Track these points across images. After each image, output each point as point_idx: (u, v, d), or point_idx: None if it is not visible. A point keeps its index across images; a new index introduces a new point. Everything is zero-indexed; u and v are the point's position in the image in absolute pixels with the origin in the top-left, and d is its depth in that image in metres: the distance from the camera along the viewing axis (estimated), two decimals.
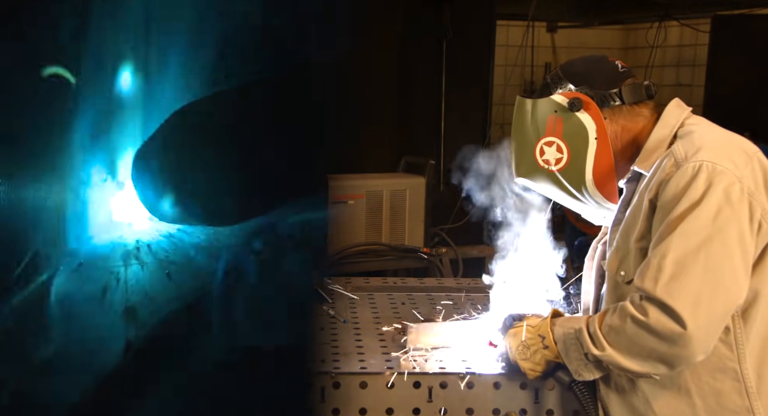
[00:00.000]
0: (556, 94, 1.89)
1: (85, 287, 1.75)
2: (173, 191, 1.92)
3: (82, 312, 1.75)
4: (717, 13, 5.42)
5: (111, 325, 1.77)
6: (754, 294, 1.70)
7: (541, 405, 2.03)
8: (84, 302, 1.76)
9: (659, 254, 1.65)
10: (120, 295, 1.78)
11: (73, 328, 1.73)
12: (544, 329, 1.90)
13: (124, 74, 1.83)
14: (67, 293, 1.73)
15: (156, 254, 1.88)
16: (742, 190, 1.65)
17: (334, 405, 1.99)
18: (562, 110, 1.87)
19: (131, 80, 1.84)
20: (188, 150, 1.93)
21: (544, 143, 1.91)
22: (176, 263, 1.86)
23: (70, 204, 1.77)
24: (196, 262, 1.89)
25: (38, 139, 1.68)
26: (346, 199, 4.02)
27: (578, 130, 1.86)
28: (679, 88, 6.19)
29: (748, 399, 1.72)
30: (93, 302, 1.77)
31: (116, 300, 1.78)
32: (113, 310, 1.78)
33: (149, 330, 1.79)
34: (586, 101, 1.85)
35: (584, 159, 1.87)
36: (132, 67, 1.82)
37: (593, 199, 1.92)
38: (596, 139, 1.86)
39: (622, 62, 1.92)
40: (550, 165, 1.91)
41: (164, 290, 1.83)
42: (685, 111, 1.87)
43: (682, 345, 1.61)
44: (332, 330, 2.39)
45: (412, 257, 4.09)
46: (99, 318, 1.77)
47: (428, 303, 2.72)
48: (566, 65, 1.95)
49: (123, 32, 1.79)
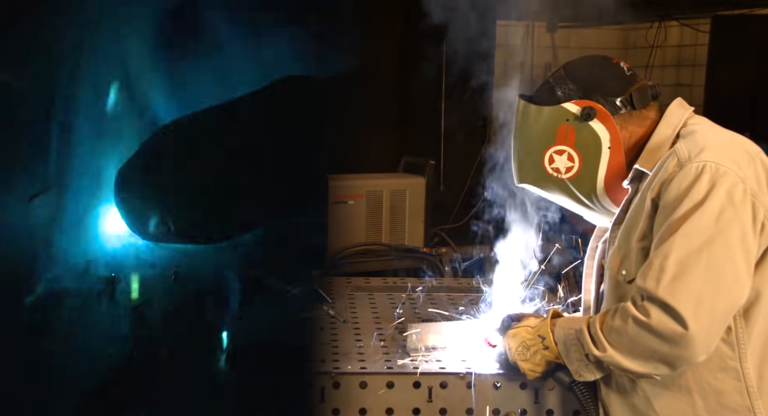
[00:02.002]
0: (568, 103, 1.85)
1: (81, 292, 1.76)
2: (156, 211, 1.90)
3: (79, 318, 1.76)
4: (717, 13, 5.41)
5: (111, 329, 1.77)
6: (756, 294, 1.70)
7: (541, 405, 2.03)
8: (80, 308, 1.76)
9: (661, 255, 1.64)
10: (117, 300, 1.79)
11: (73, 331, 1.74)
12: (544, 329, 1.89)
13: (113, 87, 1.84)
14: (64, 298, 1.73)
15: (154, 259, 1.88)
16: (745, 190, 1.65)
17: (334, 405, 1.99)
18: (574, 119, 1.85)
19: (119, 94, 1.85)
20: (172, 168, 1.92)
21: (554, 151, 1.88)
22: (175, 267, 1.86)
23: (71, 212, 1.78)
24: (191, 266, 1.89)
25: (32, 149, 1.69)
26: (346, 199, 4.02)
27: (592, 139, 1.84)
28: (679, 88, 6.17)
29: (749, 398, 1.72)
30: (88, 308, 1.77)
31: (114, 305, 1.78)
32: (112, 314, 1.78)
33: (151, 333, 1.80)
34: (600, 110, 1.83)
35: (596, 168, 1.85)
36: (119, 82, 1.82)
37: (602, 205, 1.91)
38: (609, 148, 1.84)
39: (625, 63, 1.90)
40: (560, 174, 1.89)
41: (165, 294, 1.84)
42: (687, 111, 1.86)
43: (683, 345, 1.60)
44: (332, 330, 2.39)
45: (412, 257, 4.09)
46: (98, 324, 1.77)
47: (428, 303, 2.72)
48: (571, 69, 1.90)
49: (113, 46, 1.80)
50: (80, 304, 1.74)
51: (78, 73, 1.73)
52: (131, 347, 1.77)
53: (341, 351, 2.18)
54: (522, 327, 1.97)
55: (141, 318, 1.79)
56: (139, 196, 1.87)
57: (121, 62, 1.81)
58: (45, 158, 1.70)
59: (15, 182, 1.64)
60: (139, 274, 1.84)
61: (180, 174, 1.90)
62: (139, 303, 1.80)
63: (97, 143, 1.82)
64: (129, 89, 1.83)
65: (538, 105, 1.90)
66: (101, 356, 1.73)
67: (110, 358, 1.72)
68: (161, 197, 1.87)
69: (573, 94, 1.86)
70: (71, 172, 1.77)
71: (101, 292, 1.78)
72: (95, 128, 1.81)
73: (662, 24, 5.95)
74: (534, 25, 5.79)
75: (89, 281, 1.78)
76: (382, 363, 2.08)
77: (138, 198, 1.87)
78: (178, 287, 1.85)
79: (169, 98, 1.89)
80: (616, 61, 1.90)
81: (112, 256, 1.86)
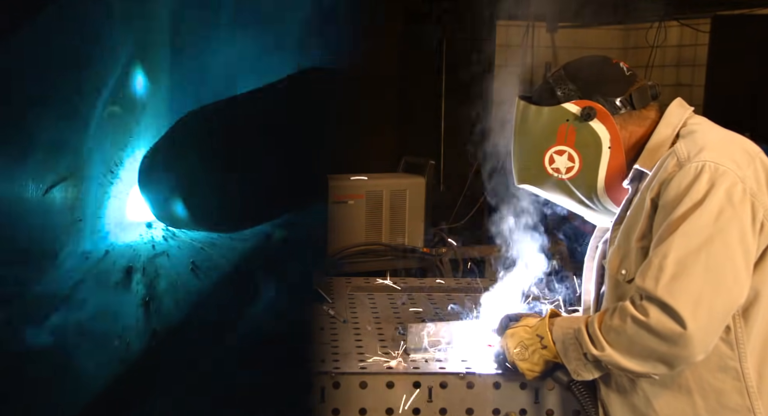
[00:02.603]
0: (568, 103, 1.85)
1: (110, 278, 1.77)
2: (180, 196, 1.92)
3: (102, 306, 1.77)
4: (717, 13, 5.41)
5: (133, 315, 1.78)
6: (755, 294, 1.70)
7: (541, 405, 2.03)
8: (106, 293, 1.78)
9: (660, 254, 1.64)
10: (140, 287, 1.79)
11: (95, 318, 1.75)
12: (542, 329, 1.89)
13: (137, 77, 1.84)
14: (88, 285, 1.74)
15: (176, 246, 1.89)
16: (744, 190, 1.65)
17: (334, 405, 1.99)
18: (574, 120, 1.84)
19: (143, 83, 1.85)
20: (196, 155, 1.93)
21: (555, 151, 1.87)
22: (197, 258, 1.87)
23: (89, 203, 1.79)
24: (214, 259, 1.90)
25: (50, 137, 1.70)
26: (346, 199, 4.02)
27: (592, 139, 1.84)
28: (679, 88, 6.18)
29: (748, 398, 1.72)
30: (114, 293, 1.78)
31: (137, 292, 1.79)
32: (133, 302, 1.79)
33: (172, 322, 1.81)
34: (600, 110, 1.83)
35: (597, 168, 1.85)
36: (143, 70, 1.83)
37: (603, 205, 1.91)
38: (609, 148, 1.84)
39: (625, 63, 1.90)
40: (560, 174, 1.88)
41: (187, 283, 1.85)
42: (687, 111, 1.86)
43: (682, 345, 1.61)
44: (332, 330, 2.39)
45: (412, 257, 4.09)
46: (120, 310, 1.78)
47: (428, 303, 2.72)
48: (571, 69, 1.90)
49: (135, 37, 1.80)
50: (98, 295, 1.75)
51: (99, 60, 1.74)
52: (149, 337, 1.78)
53: (341, 351, 2.18)
54: (520, 326, 1.97)
55: (157, 309, 1.80)
56: (162, 181, 1.89)
57: (143, 49, 1.81)
58: (63, 146, 1.71)
59: (33, 172, 1.65)
60: (155, 265, 1.85)
61: (203, 162, 1.92)
62: (153, 295, 1.80)
63: (117, 132, 1.82)
64: (152, 76, 1.84)
65: (537, 105, 1.90)
66: (117, 346, 1.74)
67: (127, 349, 1.73)
68: (185, 183, 1.88)
69: (573, 94, 1.85)
70: (91, 160, 1.78)
71: (119, 282, 1.79)
72: (115, 116, 1.81)
73: (662, 24, 5.96)
74: (534, 25, 5.79)
75: (107, 270, 1.79)
76: (382, 363, 2.08)
77: (162, 184, 1.88)
78: (193, 280, 1.86)
79: (189, 86, 1.90)
80: (616, 61, 1.90)
81: (130, 246, 1.87)
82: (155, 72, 1.85)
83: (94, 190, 1.81)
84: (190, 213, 1.90)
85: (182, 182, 1.90)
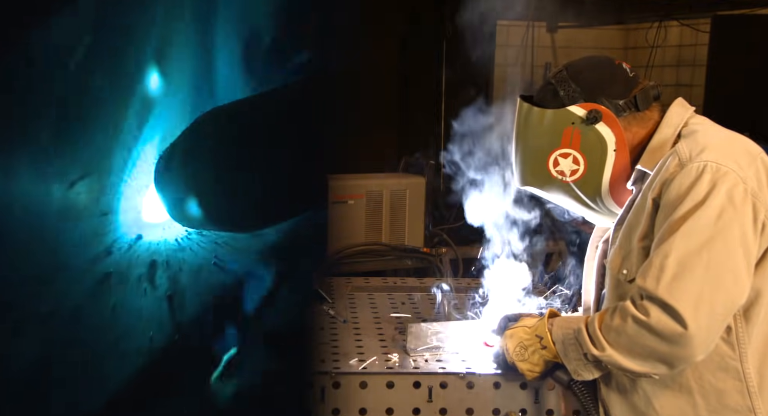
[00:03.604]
0: (573, 106, 1.83)
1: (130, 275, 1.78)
2: (195, 196, 1.91)
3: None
4: (717, 13, 5.41)
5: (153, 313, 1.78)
6: (756, 294, 1.70)
7: (541, 405, 2.03)
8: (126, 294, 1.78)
9: (661, 254, 1.64)
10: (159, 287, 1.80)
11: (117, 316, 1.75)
12: (542, 329, 1.89)
13: (151, 76, 1.84)
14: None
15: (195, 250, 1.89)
16: (745, 191, 1.65)
17: (334, 405, 1.99)
18: (579, 123, 1.83)
19: (158, 82, 1.85)
20: (211, 155, 1.92)
21: (559, 154, 1.86)
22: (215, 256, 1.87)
23: (113, 198, 1.80)
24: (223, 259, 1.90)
25: (71, 133, 1.70)
26: (346, 199, 4.02)
27: (598, 143, 1.83)
28: (679, 88, 6.17)
29: (749, 398, 1.72)
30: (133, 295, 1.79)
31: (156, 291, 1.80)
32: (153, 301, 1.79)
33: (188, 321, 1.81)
34: (605, 113, 1.81)
35: (602, 171, 1.84)
36: (157, 70, 1.83)
37: (606, 207, 1.90)
38: (615, 150, 1.83)
39: (627, 64, 1.88)
40: (565, 176, 1.87)
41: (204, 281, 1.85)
42: (688, 111, 1.86)
43: (682, 345, 1.60)
44: (332, 330, 2.39)
45: (412, 257, 4.09)
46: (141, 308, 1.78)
47: (428, 303, 2.72)
48: (574, 70, 1.88)
49: (148, 35, 1.80)
50: (121, 290, 1.75)
51: (119, 58, 1.73)
52: (172, 331, 1.78)
53: (341, 351, 2.18)
54: (519, 327, 1.97)
55: (180, 304, 1.80)
56: (179, 181, 1.88)
57: (162, 48, 1.81)
58: (85, 143, 1.71)
59: (55, 168, 1.64)
60: (175, 262, 1.85)
61: (220, 162, 1.91)
62: (171, 292, 1.81)
63: (137, 129, 1.82)
64: (171, 75, 1.83)
65: (541, 107, 1.88)
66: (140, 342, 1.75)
67: (151, 345, 1.74)
68: (201, 183, 1.88)
69: (577, 96, 1.84)
70: (112, 157, 1.78)
71: (141, 277, 1.80)
72: (137, 114, 1.81)
73: (662, 24, 5.96)
74: (534, 25, 5.80)
75: (129, 266, 1.79)
76: (383, 363, 2.08)
77: (178, 183, 1.88)
78: (210, 277, 1.86)
79: (206, 85, 1.89)
80: (619, 62, 1.88)
81: (151, 243, 1.87)
82: (174, 72, 1.85)
83: (117, 185, 1.81)
84: (205, 213, 1.90)
85: (198, 183, 1.89)
